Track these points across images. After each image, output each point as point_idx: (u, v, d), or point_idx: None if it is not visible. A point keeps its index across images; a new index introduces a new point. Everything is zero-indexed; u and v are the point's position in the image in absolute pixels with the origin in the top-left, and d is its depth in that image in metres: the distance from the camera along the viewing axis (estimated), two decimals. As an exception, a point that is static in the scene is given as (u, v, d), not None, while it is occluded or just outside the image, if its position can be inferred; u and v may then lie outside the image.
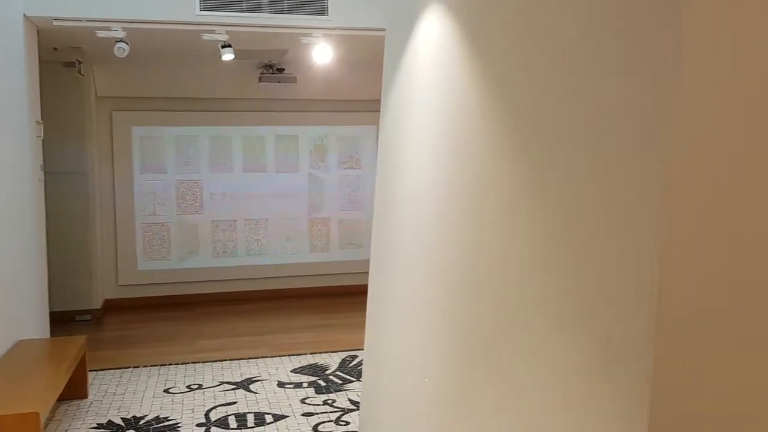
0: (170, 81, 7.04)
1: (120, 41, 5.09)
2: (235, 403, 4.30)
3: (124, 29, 5.03)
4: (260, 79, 6.79)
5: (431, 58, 2.68)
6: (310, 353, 5.36)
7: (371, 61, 5.75)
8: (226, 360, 5.23)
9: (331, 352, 5.39)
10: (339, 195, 7.74)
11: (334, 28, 5.11)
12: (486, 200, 2.19)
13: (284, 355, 5.31)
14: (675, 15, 1.25)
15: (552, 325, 1.74)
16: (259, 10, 5.04)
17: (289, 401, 4.30)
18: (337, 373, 4.86)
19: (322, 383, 4.63)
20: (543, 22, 1.78)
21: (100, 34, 5.07)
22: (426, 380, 1.56)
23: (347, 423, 3.93)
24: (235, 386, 4.62)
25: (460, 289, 2.38)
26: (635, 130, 1.38)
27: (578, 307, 1.60)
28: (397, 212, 3.11)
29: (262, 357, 5.28)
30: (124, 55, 5.16)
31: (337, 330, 6.16)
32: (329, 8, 5.06)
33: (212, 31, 5.15)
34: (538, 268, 1.83)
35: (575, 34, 1.62)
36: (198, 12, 5.02)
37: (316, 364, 5.07)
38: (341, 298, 7.29)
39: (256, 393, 4.47)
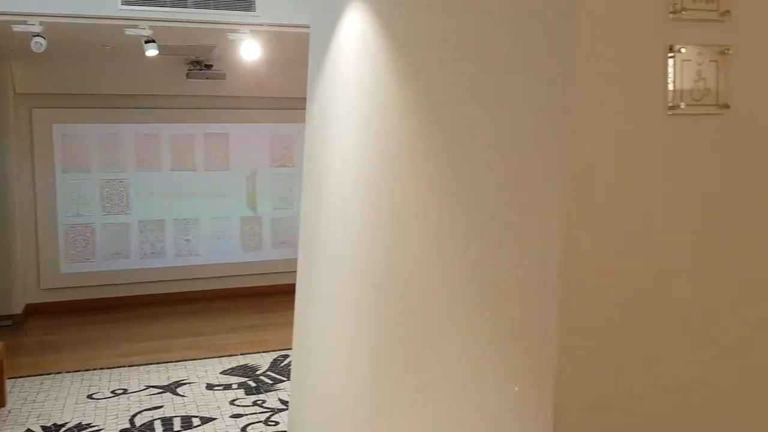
0: (93, 77, 6.81)
1: (37, 36, 4.89)
2: (161, 407, 4.20)
3: (41, 23, 4.83)
4: (188, 76, 6.66)
5: (354, 55, 2.68)
6: (241, 354, 5.28)
7: (303, 58, 5.70)
8: (153, 363, 5.10)
9: (263, 352, 5.33)
10: (270, 194, 7.65)
11: (261, 25, 5.05)
12: (409, 197, 2.20)
13: (214, 357, 5.22)
14: (572, 16, 1.28)
15: (471, 320, 1.76)
16: (184, 5, 4.93)
17: (218, 403, 4.22)
18: (268, 373, 4.81)
19: (253, 384, 4.56)
20: (459, 19, 1.80)
21: (17, 28, 4.86)
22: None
23: (276, 423, 3.89)
24: (161, 390, 4.51)
25: (385, 286, 2.39)
26: (540, 130, 1.40)
27: (494, 302, 1.62)
28: (323, 210, 3.09)
29: (192, 359, 5.18)
30: (42, 50, 4.96)
31: (270, 330, 6.09)
32: (256, 4, 4.99)
33: (135, 26, 5.01)
34: (459, 265, 1.85)
35: (488, 34, 1.64)
36: (120, 6, 4.87)
37: (246, 365, 5.00)
38: (275, 297, 7.21)
39: (183, 396, 4.38)
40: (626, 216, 1.32)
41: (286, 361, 5.03)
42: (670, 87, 1.34)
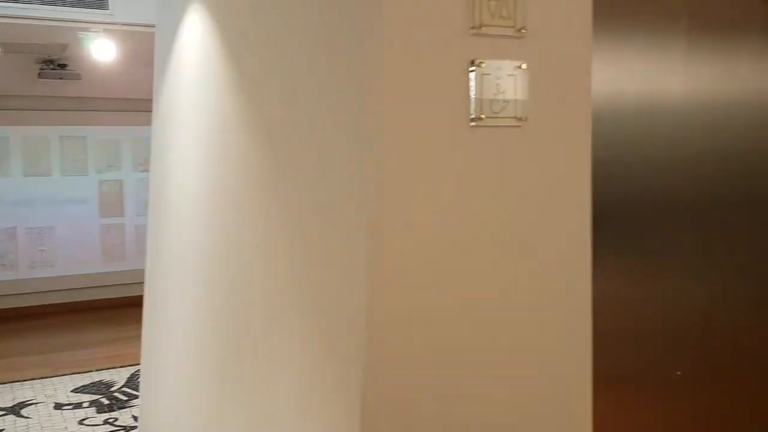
0: (-69, 75, 6.26)
1: None
2: (2, 430, 3.90)
3: None
4: (40, 76, 6.24)
5: (194, 57, 2.61)
6: (97, 370, 5.01)
7: (163, 60, 5.47)
8: (-3, 384, 4.74)
9: (120, 367, 5.08)
10: (135, 199, 7.33)
11: (115, 23, 4.82)
12: (243, 201, 2.16)
13: (66, 374, 4.92)
14: (377, 29, 1.29)
15: (299, 325, 1.74)
16: (29, 1, 4.62)
17: (66, 424, 3.97)
18: (124, 389, 4.59)
19: (105, 401, 4.34)
20: (281, 24, 1.78)
21: None
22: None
23: (128, 442, 3.72)
24: (4, 412, 4.19)
25: (223, 290, 2.34)
26: (355, 140, 1.41)
27: (317, 308, 1.62)
28: (167, 217, 2.99)
29: (41, 378, 4.85)
30: None
31: (131, 343, 5.80)
32: (110, 2, 4.76)
33: (-27, 21, 4.64)
34: (286, 273, 1.83)
35: (305, 45, 1.63)
36: (-45, -1, 4.50)
37: (101, 382, 4.75)
38: (139, 309, 6.87)
39: (27, 418, 4.09)
40: (431, 225, 1.35)
41: (145, 375, 4.82)
42: (472, 100, 1.38)
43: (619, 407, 1.60)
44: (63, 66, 6.25)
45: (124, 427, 3.91)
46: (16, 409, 4.24)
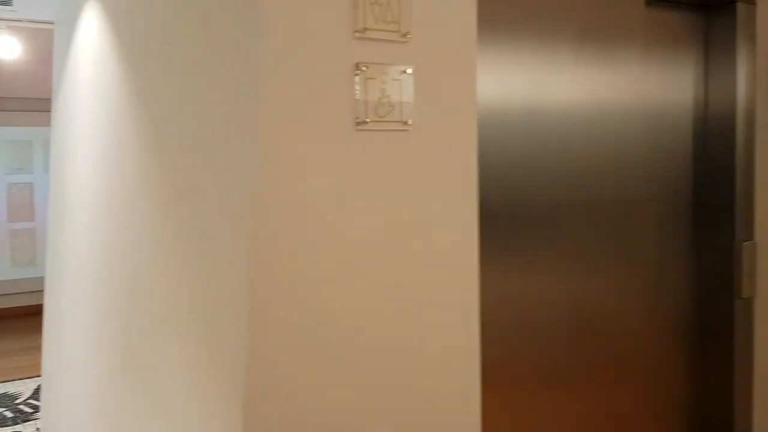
0: None
1: None
2: None
3: None
4: (-60, 73, 5.94)
5: (91, 55, 2.52)
6: (1, 382, 4.78)
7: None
8: None
9: (27, 378, 4.86)
10: (46, 203, 7.04)
11: (19, 20, 4.62)
12: (140, 200, 2.10)
13: (-32, 387, 4.68)
14: (255, 35, 1.28)
15: (189, 326, 1.71)
16: (-76, -7, 4.38)
17: (-38, 440, 3.78)
18: (30, 401, 4.39)
19: (9, 414, 4.14)
20: (172, 23, 1.74)
21: None
22: None
23: (30, 456, 3.56)
24: None
25: (123, 291, 2.27)
26: (236, 148, 1.39)
27: (205, 310, 1.58)
28: (66, 217, 2.88)
29: (-61, 391, 4.60)
30: None
31: (40, 353, 5.58)
32: (14, -3, 4.56)
33: None
34: (179, 269, 1.79)
35: (193, 40, 1.60)
36: None
37: (5, 394, 4.53)
38: (52, 316, 6.62)
39: None
40: (316, 227, 1.34)
41: (53, 386, 4.63)
42: (357, 103, 1.38)
43: (507, 404, 1.63)
44: (-34, 63, 5.96)
45: (27, 441, 3.75)
46: None
